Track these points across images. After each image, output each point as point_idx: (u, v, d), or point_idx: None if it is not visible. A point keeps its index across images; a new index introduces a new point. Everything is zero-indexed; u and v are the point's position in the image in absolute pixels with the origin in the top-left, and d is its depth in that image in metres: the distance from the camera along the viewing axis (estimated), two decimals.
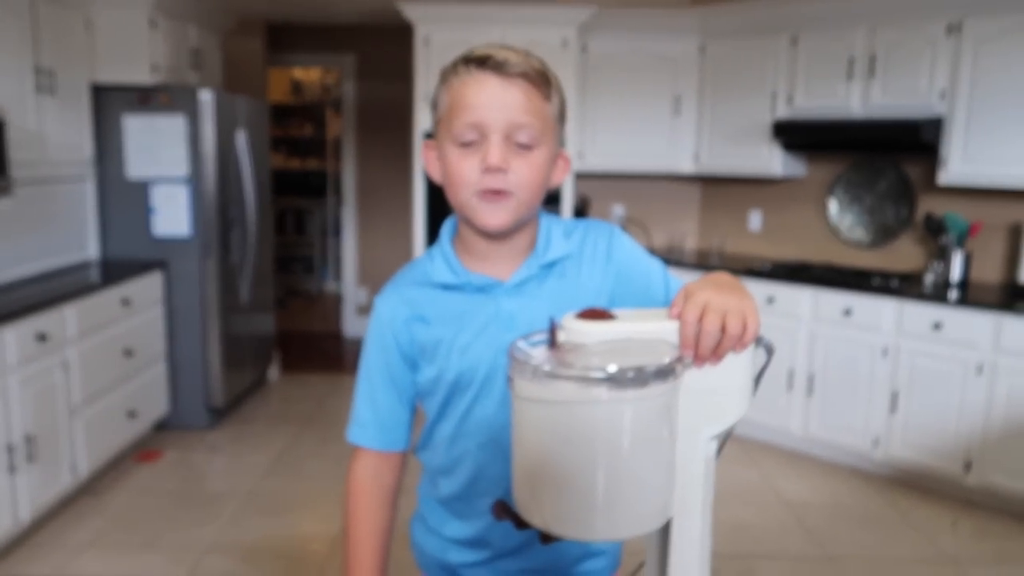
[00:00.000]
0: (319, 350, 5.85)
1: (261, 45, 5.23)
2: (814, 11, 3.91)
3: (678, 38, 4.38)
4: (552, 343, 0.78)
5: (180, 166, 3.87)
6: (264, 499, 3.29)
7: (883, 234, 4.12)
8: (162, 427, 3.98)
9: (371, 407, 1.09)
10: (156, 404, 3.85)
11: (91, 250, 3.88)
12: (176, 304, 3.95)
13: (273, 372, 4.98)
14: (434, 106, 1.04)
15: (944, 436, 3.38)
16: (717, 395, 0.80)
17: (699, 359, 0.79)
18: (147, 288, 3.73)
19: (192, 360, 4.01)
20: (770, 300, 3.87)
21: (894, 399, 3.51)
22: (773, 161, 4.19)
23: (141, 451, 3.73)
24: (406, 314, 1.06)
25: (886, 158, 4.06)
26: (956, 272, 3.68)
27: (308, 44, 5.99)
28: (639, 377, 0.72)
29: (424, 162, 1.07)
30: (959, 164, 3.52)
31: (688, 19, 4.33)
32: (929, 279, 3.69)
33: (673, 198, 4.87)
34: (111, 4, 3.70)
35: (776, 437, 3.96)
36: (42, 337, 2.87)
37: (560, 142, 1.05)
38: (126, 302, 3.51)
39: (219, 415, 4.13)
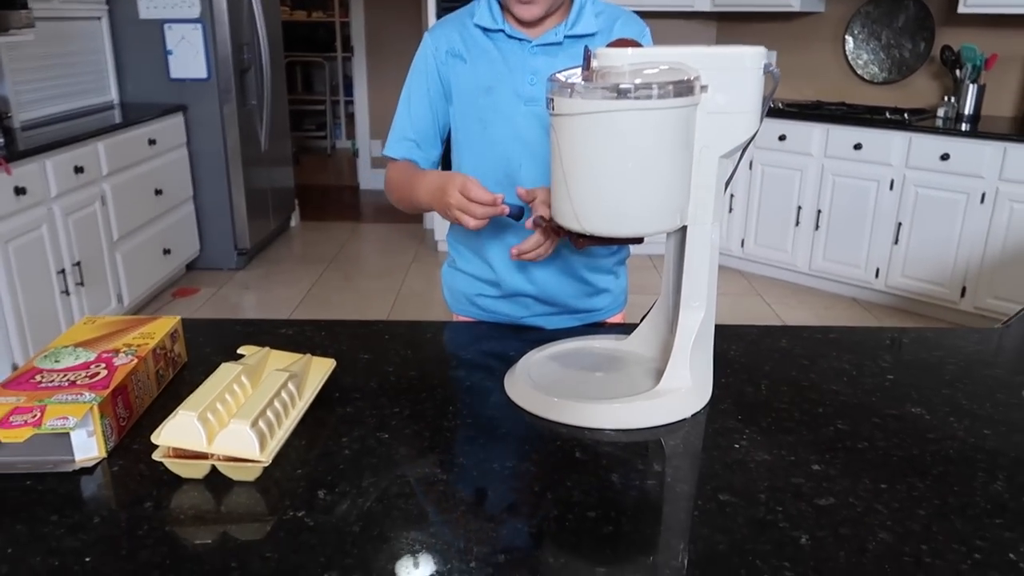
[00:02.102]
0: (337, 201, 5.97)
1: None
2: None
3: None
4: (587, 65, 0.89)
5: (192, 5, 3.85)
6: None
7: (899, 70, 4.10)
8: (194, 267, 4.18)
9: (409, 125, 1.24)
10: (188, 244, 4.02)
11: (111, 92, 3.93)
12: (199, 148, 4.04)
13: (294, 220, 5.13)
14: None
15: (943, 264, 3.53)
16: (728, 115, 0.91)
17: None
18: (170, 129, 3.81)
19: (218, 203, 4.14)
20: (782, 138, 3.93)
21: (898, 230, 3.64)
22: None
23: (178, 288, 3.94)
24: (448, 47, 1.20)
25: None
26: (969, 106, 3.71)
27: None
28: (661, 90, 0.84)
29: None
30: None
31: None
32: (941, 113, 3.72)
33: (687, 38, 4.81)
34: None
35: (782, 272, 4.13)
36: (80, 169, 2.99)
37: None
38: (152, 142, 3.60)
39: (247, 257, 4.31)
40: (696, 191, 0.93)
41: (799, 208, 3.95)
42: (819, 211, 3.89)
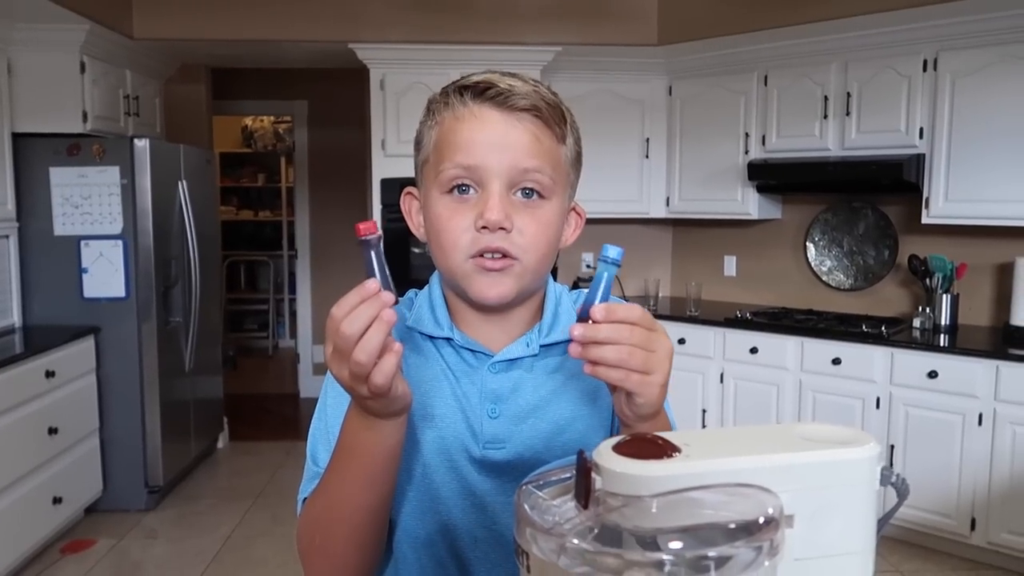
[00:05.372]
0: (273, 414, 5.46)
1: (205, 91, 4.95)
2: (784, 48, 3.79)
3: (645, 79, 4.23)
4: (584, 494, 0.52)
5: (114, 221, 3.54)
6: None
7: (865, 277, 3.95)
8: (95, 509, 3.57)
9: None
10: (87, 486, 3.45)
11: (13, 316, 3.50)
12: (110, 373, 3.58)
13: (222, 441, 4.60)
14: (417, 144, 0.83)
15: (947, 493, 3.17)
16: (827, 560, 0.54)
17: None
18: (76, 357, 3.36)
19: (129, 434, 3.62)
20: (753, 350, 3.66)
21: (891, 453, 3.30)
22: (748, 203, 4.03)
23: (69, 541, 3.31)
24: None
25: (864, 198, 3.92)
26: (945, 316, 3.51)
27: (256, 90, 5.74)
28: (723, 560, 0.46)
29: (404, 213, 0.85)
30: (942, 202, 3.38)
31: (655, 59, 4.19)
32: (918, 323, 3.52)
33: (644, 244, 4.67)
34: (36, 46, 3.38)
35: None
36: None
37: (573, 193, 0.84)
38: (51, 374, 3.14)
39: (160, 494, 3.73)
40: None
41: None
42: None
